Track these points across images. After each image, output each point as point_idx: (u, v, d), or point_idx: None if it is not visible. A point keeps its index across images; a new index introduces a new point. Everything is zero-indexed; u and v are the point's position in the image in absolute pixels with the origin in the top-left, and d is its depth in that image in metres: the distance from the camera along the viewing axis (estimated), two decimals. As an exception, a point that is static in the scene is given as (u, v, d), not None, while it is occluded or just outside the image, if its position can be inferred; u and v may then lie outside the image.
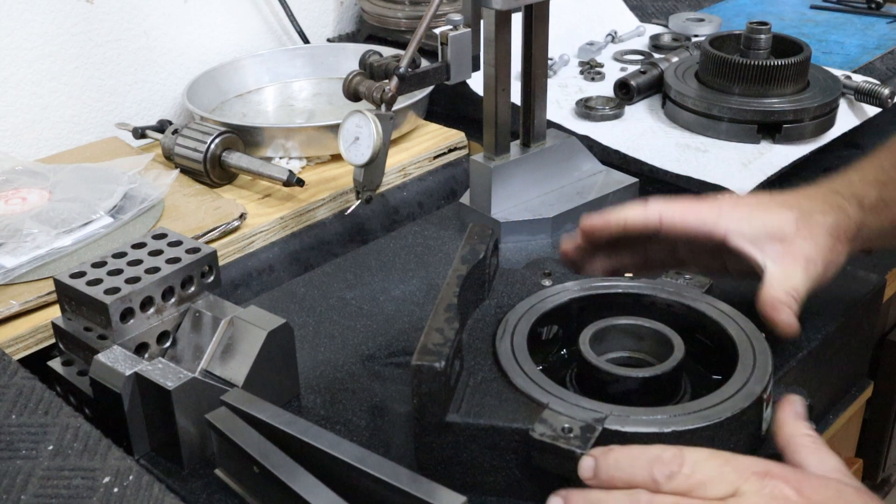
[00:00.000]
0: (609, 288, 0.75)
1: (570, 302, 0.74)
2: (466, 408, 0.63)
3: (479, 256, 0.73)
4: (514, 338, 0.69)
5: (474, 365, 0.68)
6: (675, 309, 0.73)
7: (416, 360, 0.61)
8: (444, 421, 0.62)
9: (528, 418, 0.61)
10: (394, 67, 0.88)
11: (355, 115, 0.88)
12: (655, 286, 0.74)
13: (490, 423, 0.62)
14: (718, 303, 0.72)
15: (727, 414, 0.61)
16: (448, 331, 0.64)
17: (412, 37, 0.89)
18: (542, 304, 0.73)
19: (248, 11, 1.37)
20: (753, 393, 0.63)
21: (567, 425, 0.60)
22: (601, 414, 0.61)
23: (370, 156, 0.87)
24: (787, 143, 1.05)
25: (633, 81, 1.16)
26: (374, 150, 0.87)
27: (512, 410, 0.63)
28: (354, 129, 0.87)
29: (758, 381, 0.64)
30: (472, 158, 0.98)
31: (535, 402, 0.63)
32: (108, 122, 1.23)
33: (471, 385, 0.65)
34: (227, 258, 0.95)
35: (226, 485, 0.66)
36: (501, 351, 0.68)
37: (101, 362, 0.67)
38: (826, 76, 1.11)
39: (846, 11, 1.47)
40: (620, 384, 0.65)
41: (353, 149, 0.88)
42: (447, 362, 0.61)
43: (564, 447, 0.59)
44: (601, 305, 0.73)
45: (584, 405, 0.62)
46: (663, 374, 0.65)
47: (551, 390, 0.64)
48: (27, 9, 1.13)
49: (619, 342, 0.71)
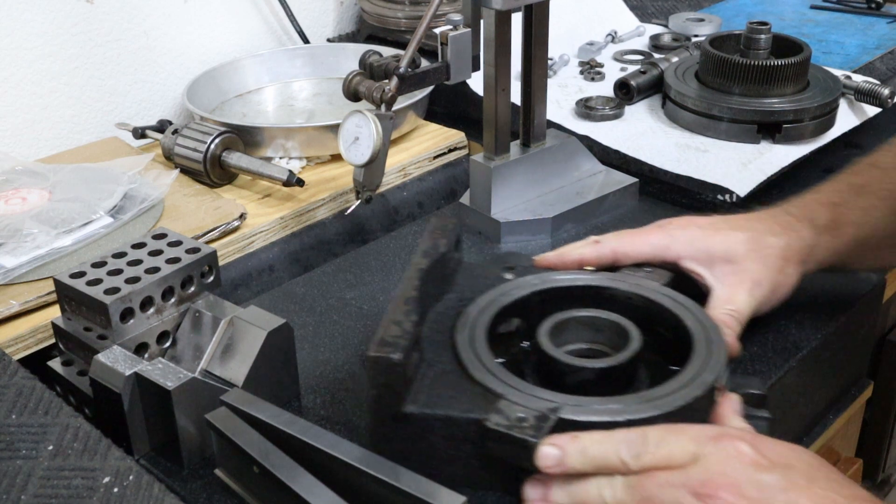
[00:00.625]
0: (569, 281, 0.76)
1: (530, 295, 0.74)
2: (424, 399, 0.64)
3: (440, 251, 0.74)
4: (473, 330, 0.70)
5: (433, 357, 0.68)
6: (635, 301, 0.74)
7: (372, 352, 0.61)
8: (402, 412, 0.63)
9: (484, 409, 0.62)
10: (394, 67, 0.88)
11: (355, 115, 0.88)
12: (615, 279, 0.75)
13: (446, 414, 0.63)
14: (677, 295, 0.73)
15: (680, 403, 0.62)
16: (406, 323, 0.64)
17: (412, 37, 0.89)
18: (503, 297, 0.74)
19: (248, 11, 1.37)
20: (706, 382, 0.64)
21: (522, 415, 0.61)
22: (556, 404, 0.62)
23: (370, 156, 0.87)
24: (787, 143, 1.05)
25: (633, 81, 1.16)
26: (373, 150, 0.87)
27: (468, 401, 0.63)
28: (354, 129, 0.87)
29: (711, 371, 0.65)
30: (472, 158, 0.98)
31: (492, 392, 0.64)
32: (108, 122, 1.23)
33: (429, 377, 0.66)
34: (227, 258, 0.95)
35: (226, 485, 0.66)
36: (460, 343, 0.69)
37: (101, 362, 0.67)
38: (826, 76, 1.11)
39: (846, 11, 1.47)
40: (578, 375, 0.66)
41: (353, 149, 0.88)
42: (404, 354, 0.62)
43: (518, 436, 0.60)
44: (562, 298, 0.74)
45: (540, 395, 0.63)
46: (619, 365, 0.66)
47: (508, 381, 0.65)
48: (27, 9, 1.13)
49: (579, 334, 0.72)
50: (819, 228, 0.77)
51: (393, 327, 0.64)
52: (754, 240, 0.76)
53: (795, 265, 0.76)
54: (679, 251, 0.77)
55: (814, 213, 0.78)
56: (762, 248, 0.75)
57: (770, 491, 0.54)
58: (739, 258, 0.75)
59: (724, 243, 0.76)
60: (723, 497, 0.54)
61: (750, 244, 0.75)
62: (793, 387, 0.79)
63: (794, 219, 0.77)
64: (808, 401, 0.84)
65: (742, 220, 0.78)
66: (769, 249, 0.75)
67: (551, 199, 0.99)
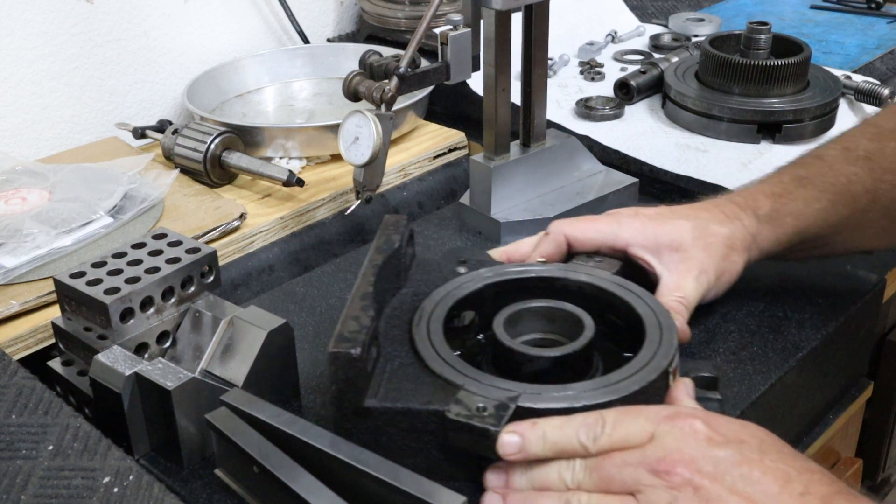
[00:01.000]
0: (522, 273, 0.77)
1: (484, 288, 0.75)
2: (384, 393, 0.65)
3: (394, 246, 0.75)
4: (430, 324, 0.71)
5: (391, 351, 0.69)
6: (587, 290, 0.75)
7: (332, 348, 0.62)
8: (363, 406, 0.64)
9: (444, 400, 0.63)
10: (394, 67, 0.88)
11: (355, 115, 0.88)
12: (567, 269, 0.77)
13: (407, 407, 0.64)
14: (628, 283, 0.75)
15: (634, 387, 0.64)
16: (364, 319, 0.65)
17: (412, 37, 0.89)
18: (458, 290, 0.75)
19: (248, 11, 1.37)
20: (660, 367, 0.65)
21: (481, 405, 0.62)
22: (514, 392, 0.63)
23: (370, 156, 0.87)
24: (787, 143, 1.05)
25: (633, 81, 1.16)
26: (373, 150, 0.87)
27: (428, 393, 0.64)
28: (354, 129, 0.88)
29: (664, 356, 0.66)
30: (472, 158, 0.98)
31: (451, 384, 0.64)
32: (108, 122, 1.23)
33: (388, 371, 0.67)
34: (227, 258, 0.95)
35: (226, 485, 0.66)
36: (418, 337, 0.69)
37: (101, 362, 0.67)
38: (826, 76, 1.11)
39: (846, 11, 1.47)
40: (533, 364, 0.67)
41: (354, 149, 0.88)
42: (363, 349, 0.62)
43: (479, 425, 0.60)
44: (515, 290, 0.75)
45: (498, 385, 0.64)
46: (574, 353, 0.67)
47: (467, 373, 0.65)
48: (27, 9, 1.13)
49: (533, 324, 0.73)
50: (761, 218, 0.79)
51: (351, 323, 0.65)
52: (699, 228, 0.78)
53: (740, 253, 0.78)
54: (628, 239, 0.78)
55: (757, 202, 0.79)
56: (707, 236, 0.77)
57: (724, 465, 0.56)
58: (686, 246, 0.77)
59: (671, 233, 0.78)
60: (679, 472, 0.56)
61: (695, 232, 0.77)
62: (793, 387, 0.79)
63: (738, 208, 0.79)
64: (808, 401, 0.84)
65: (688, 209, 0.80)
66: (714, 238, 0.77)
67: (551, 199, 0.99)
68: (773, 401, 0.76)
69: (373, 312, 0.66)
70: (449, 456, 0.64)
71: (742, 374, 0.76)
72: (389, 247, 0.75)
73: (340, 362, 0.62)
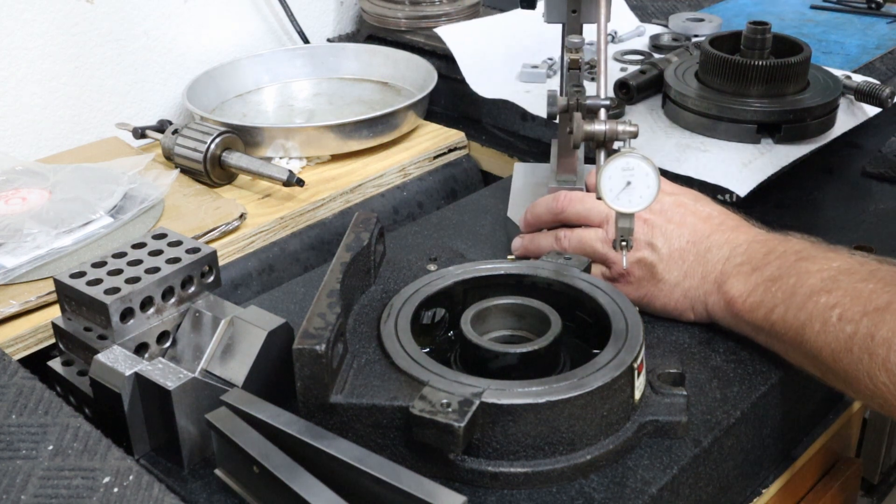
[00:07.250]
0: (491, 270, 0.77)
1: (453, 285, 0.76)
2: (350, 389, 0.65)
3: (362, 244, 0.75)
4: (397, 321, 0.71)
5: (359, 348, 0.69)
6: (555, 287, 0.76)
7: (297, 345, 0.62)
8: (328, 402, 0.64)
9: (409, 396, 0.63)
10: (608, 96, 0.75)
11: (620, 159, 0.72)
12: (536, 266, 0.77)
13: (372, 403, 0.64)
14: (596, 280, 0.76)
15: (599, 383, 0.64)
16: (330, 315, 0.65)
17: (598, 65, 0.77)
18: (427, 287, 0.75)
19: (248, 11, 1.37)
20: (625, 363, 0.66)
21: (445, 401, 0.62)
22: (479, 388, 0.63)
23: (651, 199, 0.71)
24: (787, 143, 1.05)
25: (632, 81, 1.16)
26: (654, 192, 0.71)
27: (394, 389, 0.65)
28: (621, 173, 0.72)
29: (629, 352, 0.67)
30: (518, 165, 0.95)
31: (417, 380, 0.65)
32: (108, 122, 1.23)
33: (355, 367, 0.67)
34: (227, 258, 0.95)
35: (226, 485, 0.66)
36: (385, 333, 0.70)
37: (101, 362, 0.67)
38: (826, 76, 1.11)
39: (846, 11, 1.47)
40: (500, 360, 0.68)
41: (625, 196, 0.72)
42: (328, 345, 0.63)
43: (443, 421, 0.60)
44: (484, 287, 0.76)
45: (464, 381, 0.64)
46: (540, 349, 0.68)
47: (433, 369, 0.66)
48: (27, 9, 1.13)
49: (501, 321, 0.73)
50: None
51: (316, 319, 0.65)
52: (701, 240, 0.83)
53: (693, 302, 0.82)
54: None
55: None
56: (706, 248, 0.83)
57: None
58: None
59: None
60: None
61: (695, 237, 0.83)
62: (793, 386, 0.79)
63: None
64: (808, 401, 0.84)
65: (731, 230, 0.81)
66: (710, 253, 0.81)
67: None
68: (774, 401, 0.76)
69: (339, 309, 0.67)
70: (414, 452, 0.65)
71: (742, 374, 0.76)
72: (358, 244, 0.76)
73: (305, 359, 0.63)
